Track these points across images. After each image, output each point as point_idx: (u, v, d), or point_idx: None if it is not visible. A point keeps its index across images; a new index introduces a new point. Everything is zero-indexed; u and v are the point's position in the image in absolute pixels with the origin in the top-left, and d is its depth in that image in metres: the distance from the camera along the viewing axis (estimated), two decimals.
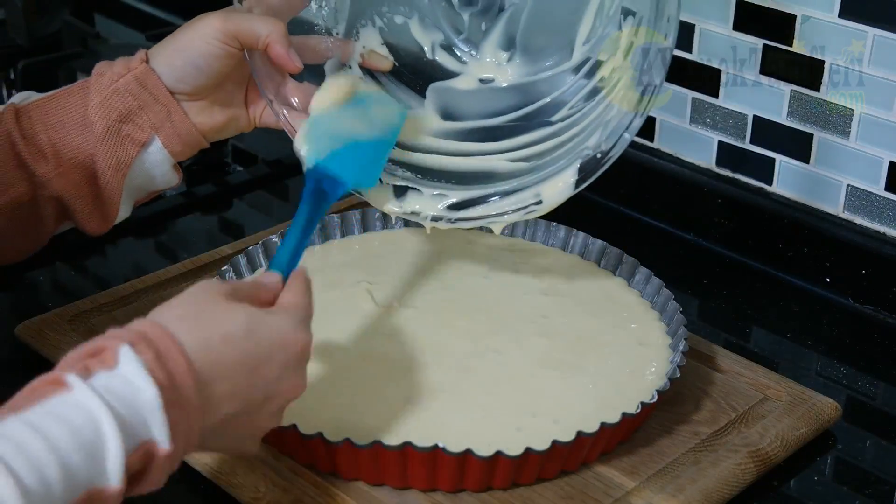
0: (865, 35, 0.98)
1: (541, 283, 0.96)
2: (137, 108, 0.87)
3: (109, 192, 0.88)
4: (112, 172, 0.88)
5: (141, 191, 0.91)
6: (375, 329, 0.90)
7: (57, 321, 0.94)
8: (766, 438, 0.84)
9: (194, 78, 0.87)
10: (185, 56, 0.87)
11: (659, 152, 1.16)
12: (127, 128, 0.87)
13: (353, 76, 0.93)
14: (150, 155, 0.88)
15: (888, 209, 1.01)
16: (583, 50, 0.89)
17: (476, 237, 1.02)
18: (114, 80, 0.87)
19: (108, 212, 0.90)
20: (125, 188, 0.88)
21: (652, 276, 0.94)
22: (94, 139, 0.86)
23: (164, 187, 0.92)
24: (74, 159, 0.87)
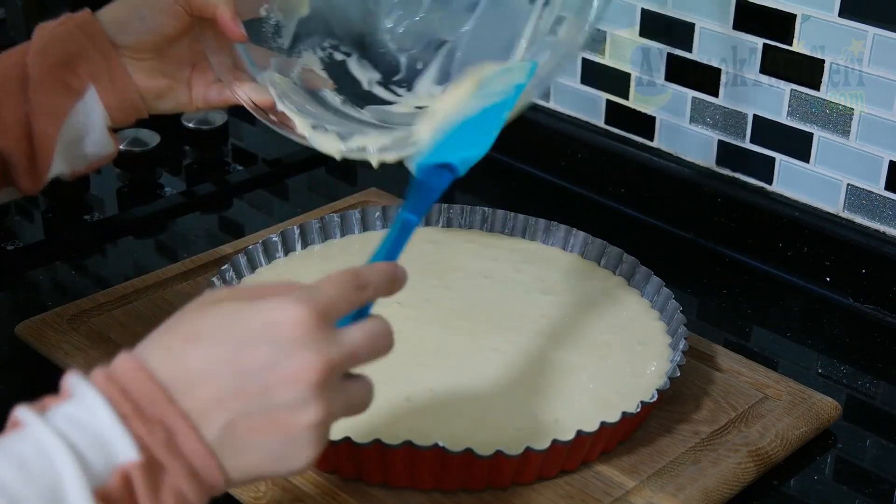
0: (865, 34, 0.98)
1: (541, 283, 0.96)
2: (76, 54, 0.84)
3: (43, 143, 0.84)
4: (46, 120, 0.83)
5: (75, 149, 0.86)
6: None
7: (57, 320, 0.94)
8: (766, 437, 0.84)
9: (137, 30, 0.85)
10: (131, 6, 0.86)
11: (659, 151, 1.16)
12: (63, 74, 0.84)
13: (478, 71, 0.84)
14: (86, 105, 0.85)
15: (888, 208, 1.01)
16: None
17: (476, 237, 1.02)
18: (54, 28, 0.85)
19: (42, 166, 0.85)
20: (59, 142, 0.84)
21: (652, 276, 0.94)
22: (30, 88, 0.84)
23: (98, 153, 0.87)
24: (14, 115, 0.83)
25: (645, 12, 1.12)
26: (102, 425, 0.55)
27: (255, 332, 0.59)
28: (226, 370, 0.58)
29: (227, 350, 0.58)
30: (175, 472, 0.56)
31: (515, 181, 1.23)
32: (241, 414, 0.58)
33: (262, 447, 0.59)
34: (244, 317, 0.59)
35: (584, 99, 1.20)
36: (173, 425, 0.56)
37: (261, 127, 1.34)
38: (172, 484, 0.56)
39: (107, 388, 0.56)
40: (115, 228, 1.12)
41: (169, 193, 1.18)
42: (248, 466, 0.59)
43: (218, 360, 0.58)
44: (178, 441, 0.57)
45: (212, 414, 0.57)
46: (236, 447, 0.58)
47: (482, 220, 1.03)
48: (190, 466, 0.57)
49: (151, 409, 0.56)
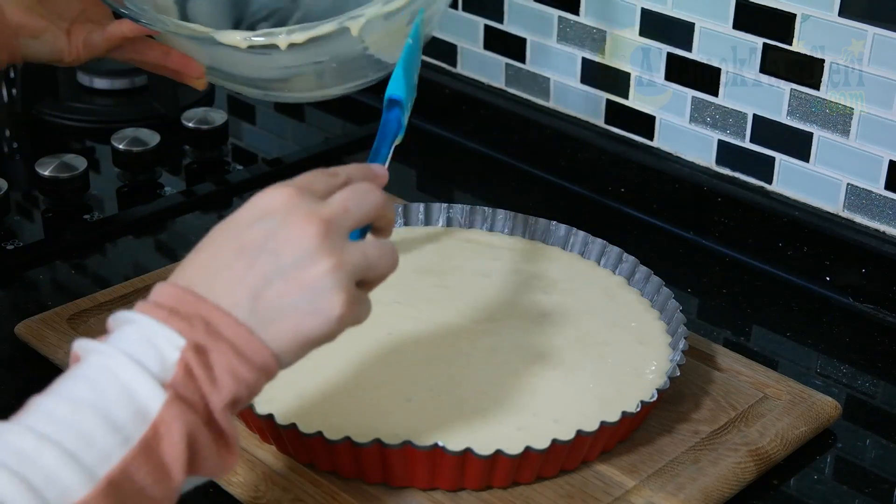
0: (865, 34, 0.98)
1: (540, 282, 0.96)
2: None
3: None
4: None
5: None
6: (375, 328, 0.90)
7: (56, 320, 0.94)
8: (765, 437, 0.84)
9: None
10: None
11: (659, 151, 1.16)
12: None
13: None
14: None
15: (888, 208, 1.01)
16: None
17: (475, 236, 1.02)
18: None
19: None
20: None
21: (652, 275, 0.94)
22: None
23: None
24: None
25: (645, 12, 1.12)
26: (148, 332, 0.60)
27: (247, 220, 0.64)
28: (234, 257, 0.63)
29: (228, 241, 0.64)
30: (222, 353, 0.61)
31: (515, 181, 1.23)
32: (260, 286, 0.62)
33: (292, 307, 0.62)
34: (236, 216, 0.65)
35: (584, 98, 1.20)
36: (207, 315, 0.61)
37: (261, 126, 1.35)
38: (223, 363, 0.60)
39: (143, 308, 0.62)
40: (115, 228, 1.12)
41: (169, 193, 1.18)
42: (288, 331, 0.63)
43: (224, 252, 0.64)
44: (216, 326, 0.61)
45: (237, 295, 0.62)
46: (270, 317, 0.62)
47: (482, 219, 1.03)
48: (234, 346, 0.61)
49: (185, 308, 0.61)
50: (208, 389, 0.60)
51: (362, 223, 0.67)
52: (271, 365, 0.62)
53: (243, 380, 0.61)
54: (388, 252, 0.67)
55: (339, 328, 0.64)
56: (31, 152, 1.26)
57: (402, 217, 1.02)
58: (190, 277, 0.63)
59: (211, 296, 0.62)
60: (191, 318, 0.61)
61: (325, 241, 0.63)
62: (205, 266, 0.64)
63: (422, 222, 1.03)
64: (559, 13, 1.18)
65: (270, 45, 0.83)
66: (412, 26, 0.82)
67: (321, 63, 0.86)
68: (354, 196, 0.67)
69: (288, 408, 0.80)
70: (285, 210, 0.64)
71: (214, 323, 0.61)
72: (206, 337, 0.61)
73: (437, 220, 1.03)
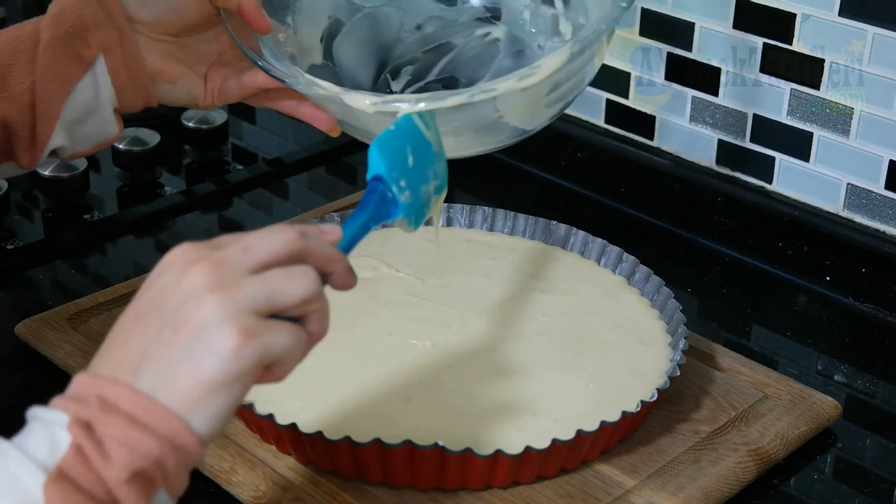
0: (865, 34, 0.98)
1: (541, 282, 0.96)
2: (89, 23, 0.82)
3: (46, 113, 0.82)
4: (51, 89, 0.82)
5: (78, 125, 0.85)
6: (373, 328, 0.90)
7: (56, 320, 0.94)
8: (766, 437, 0.84)
9: (157, 6, 0.83)
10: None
11: (659, 151, 1.16)
12: (74, 42, 0.82)
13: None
14: (95, 78, 0.83)
15: (888, 208, 1.01)
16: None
17: (476, 236, 1.02)
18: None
19: (41, 137, 0.83)
20: (62, 114, 0.83)
21: (652, 275, 0.94)
22: (39, 55, 0.82)
23: (101, 133, 0.86)
24: (22, 84, 0.82)
25: (645, 12, 1.12)
26: (43, 419, 0.57)
27: (145, 286, 0.60)
28: (130, 326, 0.59)
29: (127, 313, 0.60)
30: (115, 425, 0.56)
31: (515, 181, 1.23)
32: (152, 345, 0.58)
33: (185, 355, 0.57)
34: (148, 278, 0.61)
35: (584, 98, 1.20)
36: (103, 391, 0.57)
37: (261, 126, 1.35)
38: (116, 434, 0.56)
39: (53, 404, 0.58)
40: (115, 228, 1.12)
41: (169, 193, 1.18)
42: (188, 383, 0.57)
43: (123, 324, 0.60)
44: (113, 401, 0.57)
45: (133, 363, 0.58)
46: (167, 373, 0.57)
47: (482, 219, 1.03)
48: (130, 416, 0.57)
49: (83, 391, 0.58)
50: (100, 464, 0.56)
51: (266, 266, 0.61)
52: (179, 430, 0.57)
53: (142, 449, 0.56)
54: (296, 273, 0.61)
55: (243, 363, 0.57)
56: None
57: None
58: (97, 362, 0.60)
59: (110, 371, 0.58)
60: (86, 399, 0.57)
61: (211, 277, 0.58)
62: (109, 345, 0.60)
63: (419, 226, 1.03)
64: None
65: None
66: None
67: (454, 127, 0.84)
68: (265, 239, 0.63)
69: (288, 408, 0.80)
70: (175, 262, 0.60)
71: (110, 398, 0.57)
72: (98, 413, 0.56)
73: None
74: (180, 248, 0.61)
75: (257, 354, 0.58)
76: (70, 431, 0.56)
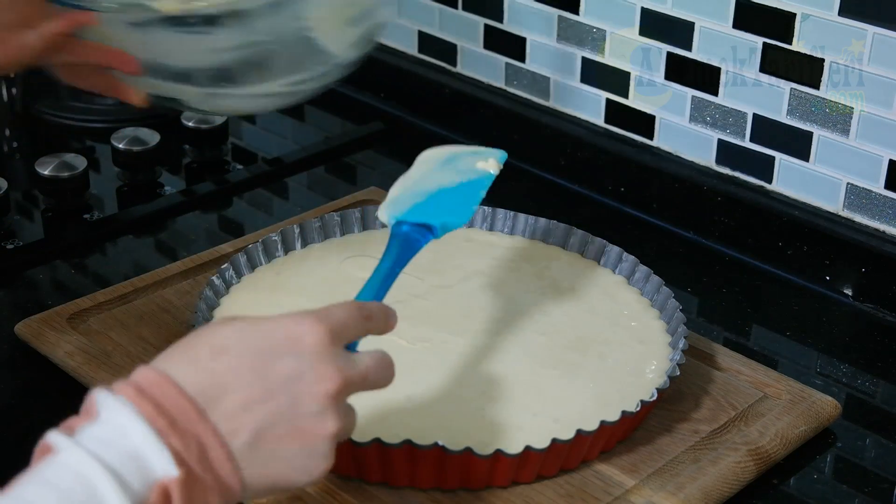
0: (865, 34, 0.98)
1: (540, 282, 0.96)
2: None
3: None
4: None
5: None
6: None
7: (56, 319, 0.94)
8: (765, 436, 0.84)
9: None
10: None
11: (659, 150, 1.16)
12: None
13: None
14: None
15: (888, 207, 1.01)
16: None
17: (475, 235, 1.02)
18: None
19: None
20: None
21: (651, 275, 0.94)
22: None
23: None
24: None
25: (645, 11, 1.12)
26: (138, 442, 0.55)
27: (278, 344, 0.61)
28: (253, 380, 0.60)
29: (252, 360, 0.60)
30: (207, 486, 0.57)
31: (515, 180, 1.22)
32: (267, 423, 0.60)
33: (285, 456, 0.61)
34: (266, 329, 0.62)
35: (584, 98, 1.20)
36: (205, 440, 0.57)
37: (261, 126, 1.35)
38: (204, 498, 0.57)
39: (138, 403, 0.57)
40: (115, 227, 1.12)
41: (168, 192, 1.18)
42: (268, 476, 0.60)
43: (244, 370, 0.60)
44: (210, 456, 0.57)
45: (240, 424, 0.59)
46: (261, 458, 0.60)
47: (482, 219, 1.03)
48: (220, 480, 0.58)
49: (185, 424, 0.57)
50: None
51: (368, 390, 0.67)
52: (236, 500, 0.59)
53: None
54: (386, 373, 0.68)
55: (304, 486, 0.64)
56: (31, 151, 1.26)
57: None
58: (199, 384, 0.59)
59: (213, 412, 0.58)
60: (188, 440, 0.57)
61: (338, 404, 0.63)
62: (219, 377, 0.59)
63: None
64: (559, 12, 1.18)
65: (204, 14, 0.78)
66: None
67: (260, 45, 0.83)
68: (379, 369, 0.67)
69: None
70: (318, 356, 0.62)
71: (209, 451, 0.57)
72: (198, 466, 0.57)
73: None
74: (319, 333, 0.62)
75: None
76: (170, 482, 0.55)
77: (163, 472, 0.55)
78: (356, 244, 1.00)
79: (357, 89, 1.37)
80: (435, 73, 1.31)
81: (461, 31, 1.28)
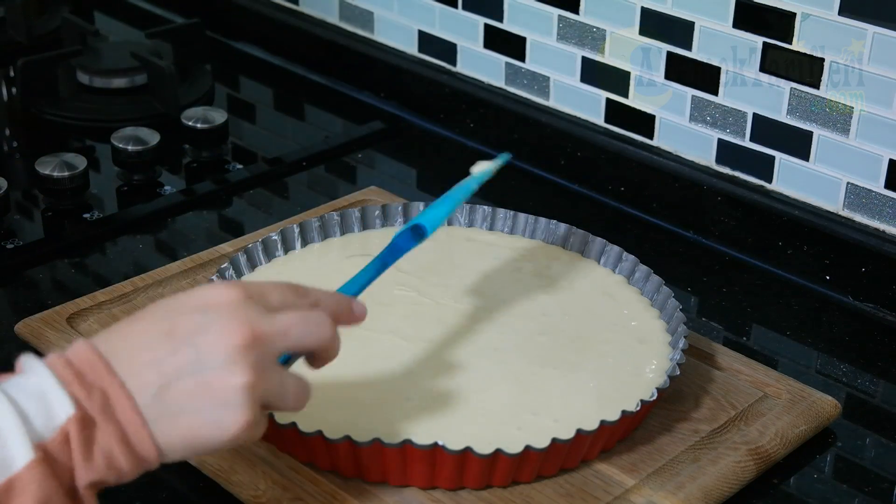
0: (865, 33, 0.98)
1: (540, 281, 0.96)
2: None
3: None
4: None
5: None
6: (374, 326, 0.90)
7: (56, 319, 0.94)
8: (765, 436, 0.84)
9: None
10: None
11: (658, 150, 1.16)
12: None
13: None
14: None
15: (888, 207, 1.01)
16: None
17: (476, 235, 1.02)
18: None
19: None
20: None
21: (651, 274, 0.94)
22: None
23: None
24: None
25: (645, 11, 1.12)
26: (44, 387, 0.60)
27: (188, 306, 0.64)
28: (159, 339, 0.62)
29: (161, 320, 0.63)
30: (107, 434, 0.60)
31: (515, 180, 1.22)
32: (173, 377, 0.62)
33: (194, 409, 0.62)
34: (181, 297, 0.65)
35: (584, 97, 1.20)
36: (109, 390, 0.60)
37: (261, 126, 1.35)
38: (104, 444, 0.60)
39: (53, 361, 0.61)
40: (115, 227, 1.12)
41: (168, 192, 1.18)
42: (180, 433, 0.62)
43: (153, 331, 0.63)
44: (113, 405, 0.60)
45: (146, 379, 0.61)
46: (169, 411, 0.61)
47: (482, 218, 1.03)
48: (122, 431, 0.60)
49: (91, 376, 0.61)
50: (79, 463, 0.59)
51: (298, 351, 0.67)
52: (152, 459, 0.62)
53: (117, 466, 0.60)
54: (303, 392, 0.67)
55: (229, 444, 0.63)
56: (30, 151, 1.26)
57: (403, 215, 1.03)
58: (113, 344, 0.62)
59: (123, 370, 0.61)
60: (91, 389, 0.60)
61: (249, 355, 0.63)
62: (131, 338, 0.63)
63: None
64: (559, 12, 1.18)
65: None
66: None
67: None
68: (302, 323, 0.66)
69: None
70: (225, 309, 0.63)
71: (113, 401, 0.60)
72: (99, 412, 0.60)
73: None
74: (231, 291, 0.65)
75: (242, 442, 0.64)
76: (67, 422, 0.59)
77: (62, 414, 0.59)
78: (356, 244, 1.00)
79: (357, 89, 1.37)
80: (435, 73, 1.31)
81: (461, 31, 1.28)
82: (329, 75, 1.40)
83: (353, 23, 1.38)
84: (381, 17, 1.35)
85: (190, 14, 1.49)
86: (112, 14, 1.59)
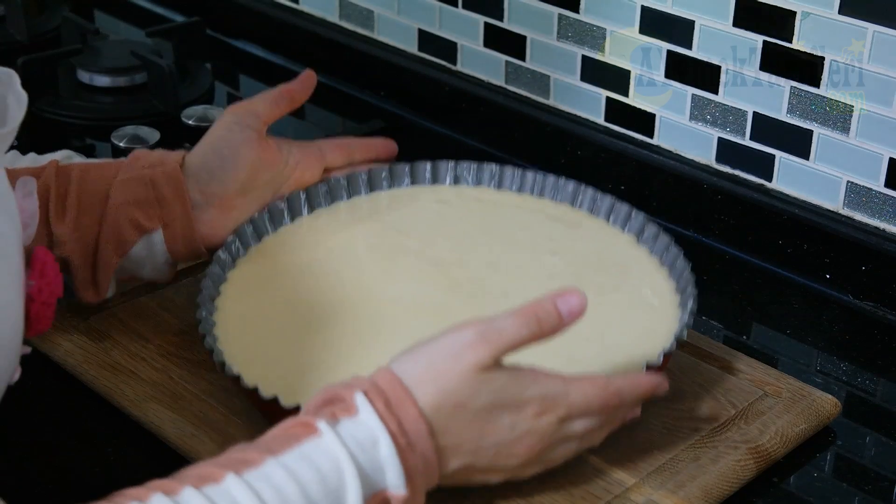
0: (865, 32, 0.98)
1: (549, 243, 0.96)
2: (155, 199, 0.90)
3: (104, 267, 0.90)
4: (111, 249, 0.89)
5: (133, 273, 0.92)
6: (380, 292, 0.90)
7: (57, 319, 0.94)
8: (765, 435, 0.84)
9: (221, 170, 0.92)
10: (211, 146, 0.93)
11: (659, 149, 1.16)
12: (137, 212, 0.90)
13: None
14: (151, 242, 0.90)
15: (888, 206, 1.01)
16: None
17: (484, 195, 1.02)
18: (145, 166, 0.91)
19: (102, 286, 0.91)
20: (119, 267, 0.90)
21: (661, 234, 0.94)
22: (107, 213, 0.89)
23: (154, 278, 0.93)
24: (90, 228, 0.89)
25: (645, 10, 1.12)
26: (383, 455, 0.66)
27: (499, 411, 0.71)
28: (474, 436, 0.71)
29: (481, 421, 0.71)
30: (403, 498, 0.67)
31: None
32: (467, 466, 0.71)
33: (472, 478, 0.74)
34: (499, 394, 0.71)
35: (584, 96, 1.20)
36: (430, 459, 0.68)
37: None
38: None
39: (387, 419, 0.67)
40: None
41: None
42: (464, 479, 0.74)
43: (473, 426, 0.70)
44: (430, 475, 0.69)
45: (449, 459, 0.70)
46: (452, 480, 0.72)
47: (490, 177, 1.03)
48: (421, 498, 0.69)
49: (420, 445, 0.67)
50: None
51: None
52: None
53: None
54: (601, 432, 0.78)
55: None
56: (30, 150, 1.26)
57: (410, 176, 1.02)
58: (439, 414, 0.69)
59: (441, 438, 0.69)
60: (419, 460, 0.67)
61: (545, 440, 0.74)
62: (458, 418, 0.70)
63: (429, 181, 1.03)
64: (559, 11, 1.18)
65: None
66: None
67: None
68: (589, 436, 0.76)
69: (289, 382, 0.80)
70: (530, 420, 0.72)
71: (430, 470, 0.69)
72: (421, 477, 0.68)
73: (444, 177, 1.03)
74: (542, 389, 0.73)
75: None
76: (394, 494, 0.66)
77: (392, 486, 0.66)
78: (364, 206, 1.00)
79: (357, 87, 1.37)
80: (435, 72, 1.31)
81: (461, 29, 1.28)
82: (329, 74, 1.40)
83: (354, 21, 1.38)
84: (382, 15, 1.35)
85: (190, 13, 1.49)
86: (112, 13, 1.59)
